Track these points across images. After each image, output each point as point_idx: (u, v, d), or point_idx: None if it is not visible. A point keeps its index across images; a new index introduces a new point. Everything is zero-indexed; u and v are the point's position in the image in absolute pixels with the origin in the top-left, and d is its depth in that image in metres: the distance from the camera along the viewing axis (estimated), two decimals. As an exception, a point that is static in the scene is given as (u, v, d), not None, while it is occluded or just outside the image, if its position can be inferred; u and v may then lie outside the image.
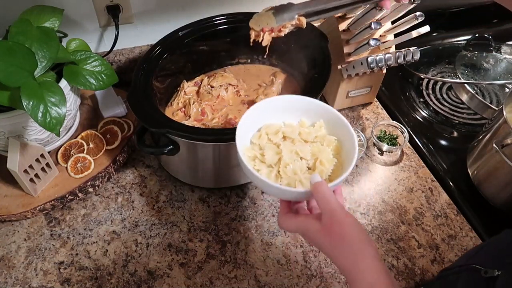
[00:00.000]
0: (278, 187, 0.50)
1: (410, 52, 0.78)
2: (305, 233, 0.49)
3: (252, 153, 0.58)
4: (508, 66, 1.08)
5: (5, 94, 0.61)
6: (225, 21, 0.85)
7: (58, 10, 0.71)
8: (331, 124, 0.60)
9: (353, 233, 0.45)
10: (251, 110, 0.58)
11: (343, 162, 0.57)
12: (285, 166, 0.55)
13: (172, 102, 0.85)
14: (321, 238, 0.47)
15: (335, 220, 0.46)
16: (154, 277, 0.67)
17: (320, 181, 0.49)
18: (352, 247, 0.45)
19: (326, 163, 0.56)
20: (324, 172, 0.55)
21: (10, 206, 0.72)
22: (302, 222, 0.49)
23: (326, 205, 0.47)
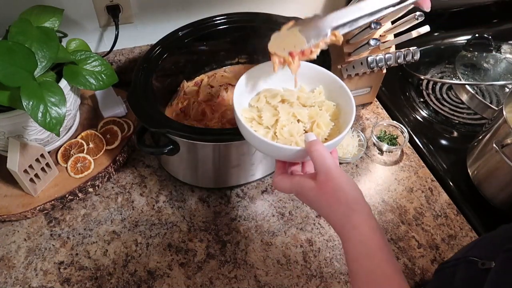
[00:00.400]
0: (274, 145, 0.51)
1: (410, 52, 0.78)
2: (300, 192, 0.49)
3: (249, 114, 0.58)
4: (508, 66, 1.08)
5: (5, 94, 0.61)
6: (225, 21, 0.85)
7: (58, 10, 0.71)
8: (331, 89, 0.60)
9: (348, 190, 0.45)
10: (250, 71, 0.58)
11: (341, 126, 0.58)
12: (281, 127, 0.55)
13: (172, 102, 0.85)
14: (315, 196, 0.47)
15: (329, 177, 0.46)
16: (154, 277, 0.67)
17: (315, 139, 0.49)
18: (346, 204, 0.45)
19: (323, 126, 0.56)
20: (321, 135, 0.56)
21: (10, 206, 0.72)
22: (297, 181, 0.49)
23: (321, 163, 0.47)
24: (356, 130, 0.88)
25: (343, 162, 0.85)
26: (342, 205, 0.45)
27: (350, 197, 0.45)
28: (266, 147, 0.52)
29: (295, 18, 0.84)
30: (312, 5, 1.06)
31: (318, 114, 0.57)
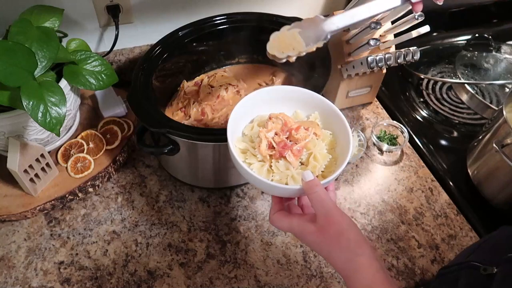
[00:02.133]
0: (270, 184, 0.49)
1: (410, 52, 0.78)
2: (300, 235, 0.48)
3: (243, 145, 0.56)
4: (508, 66, 1.08)
5: (5, 94, 0.61)
6: (225, 21, 0.85)
7: (58, 10, 0.71)
8: (326, 117, 0.58)
9: (349, 232, 0.45)
10: (244, 100, 0.56)
11: (337, 157, 0.56)
12: (277, 160, 0.53)
13: (172, 102, 0.85)
14: (316, 240, 0.46)
15: (330, 220, 0.45)
16: (154, 277, 0.67)
17: (313, 180, 0.47)
18: (348, 247, 0.44)
19: (319, 158, 0.54)
20: (317, 168, 0.53)
21: (10, 206, 0.72)
22: (296, 224, 0.48)
23: (320, 206, 0.46)
24: (356, 130, 0.88)
25: (343, 162, 0.85)
26: (344, 249, 0.44)
27: (352, 241, 0.45)
28: (262, 185, 0.50)
29: (295, 18, 0.85)
30: (312, 5, 1.06)
31: (314, 145, 0.54)
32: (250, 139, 0.57)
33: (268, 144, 0.54)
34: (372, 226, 0.76)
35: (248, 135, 0.58)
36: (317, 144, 0.55)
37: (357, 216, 0.77)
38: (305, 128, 0.55)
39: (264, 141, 0.54)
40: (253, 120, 0.59)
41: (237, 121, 0.56)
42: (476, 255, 0.56)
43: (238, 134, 0.58)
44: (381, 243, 0.74)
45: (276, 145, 0.53)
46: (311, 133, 0.55)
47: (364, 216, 0.77)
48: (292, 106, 0.60)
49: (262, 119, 0.59)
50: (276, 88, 0.59)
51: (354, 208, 0.78)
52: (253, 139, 0.56)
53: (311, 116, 0.59)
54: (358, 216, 0.77)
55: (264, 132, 0.54)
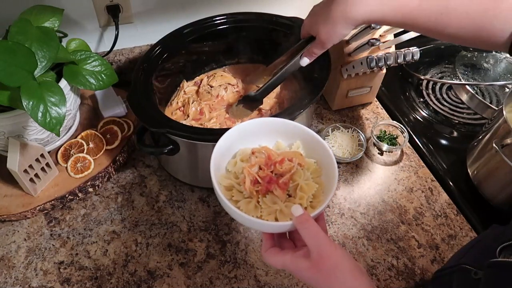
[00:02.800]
0: (260, 222, 0.48)
1: (410, 52, 0.78)
2: (294, 271, 0.47)
3: (227, 182, 0.54)
4: (508, 66, 1.08)
5: (5, 94, 0.61)
6: (225, 21, 0.85)
7: (58, 10, 0.71)
8: (308, 144, 0.57)
9: (344, 266, 0.44)
10: (225, 137, 0.55)
11: (323, 184, 0.55)
12: (264, 195, 0.52)
13: (171, 101, 0.85)
14: (312, 276, 0.45)
15: (324, 255, 0.44)
16: (154, 277, 0.67)
17: (303, 214, 0.47)
18: (344, 280, 0.44)
19: (306, 189, 0.53)
20: (305, 198, 0.52)
21: (10, 206, 0.72)
22: (290, 261, 0.47)
23: (313, 241, 0.45)
24: (356, 130, 0.88)
25: (343, 162, 0.85)
26: (341, 284, 0.44)
27: (348, 274, 0.44)
28: (251, 223, 0.49)
29: (295, 18, 0.85)
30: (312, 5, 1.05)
31: (300, 176, 0.53)
32: (234, 176, 0.56)
33: (253, 180, 0.53)
34: (372, 226, 0.76)
35: (232, 171, 0.56)
36: (302, 174, 0.54)
37: (357, 216, 0.77)
38: (288, 159, 0.54)
39: (248, 178, 0.53)
40: (235, 155, 0.58)
41: (219, 157, 0.55)
42: (468, 257, 0.56)
43: (222, 171, 0.57)
44: (381, 243, 0.74)
45: (262, 180, 0.52)
46: (295, 164, 0.54)
47: (364, 216, 0.77)
48: (273, 137, 0.59)
49: (244, 153, 0.57)
50: (256, 121, 0.58)
51: (354, 208, 0.78)
52: (238, 175, 0.55)
53: (293, 145, 0.58)
54: (358, 216, 0.77)
55: (248, 168, 0.53)
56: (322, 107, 0.98)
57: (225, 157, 0.58)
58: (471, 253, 0.57)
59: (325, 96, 0.99)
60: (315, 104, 0.95)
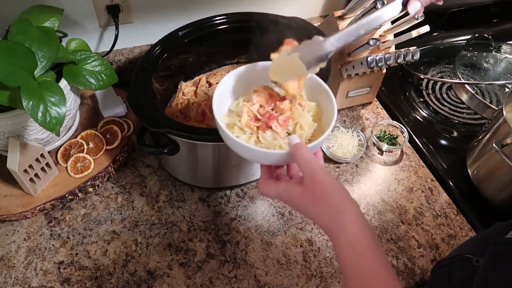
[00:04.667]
0: (258, 150, 0.50)
1: (410, 52, 0.78)
2: (287, 199, 0.48)
3: (230, 120, 0.56)
4: (508, 65, 1.08)
5: (5, 94, 0.61)
6: (225, 21, 0.85)
7: (58, 10, 0.71)
8: (311, 89, 0.59)
9: (334, 191, 0.45)
10: (227, 77, 0.57)
11: (323, 126, 0.57)
12: (264, 131, 0.54)
13: (171, 103, 0.85)
14: (303, 201, 0.46)
15: (315, 179, 0.45)
16: (154, 277, 0.67)
17: (299, 142, 0.48)
18: (333, 205, 0.45)
19: (306, 127, 0.55)
20: (304, 136, 0.54)
21: (10, 206, 0.72)
22: (284, 188, 0.48)
23: (306, 166, 0.46)
24: (356, 130, 0.88)
25: (343, 162, 0.85)
26: (329, 207, 0.45)
27: (337, 199, 0.45)
28: (249, 153, 0.51)
29: (295, 18, 0.85)
30: (312, 5, 1.06)
31: (300, 115, 0.55)
32: (236, 114, 0.57)
33: (254, 117, 0.55)
34: (372, 226, 0.76)
35: (234, 111, 0.58)
36: (302, 114, 0.55)
37: (357, 216, 0.77)
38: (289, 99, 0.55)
39: (245, 115, 0.54)
40: (239, 97, 0.60)
41: (222, 97, 0.57)
42: (469, 248, 0.56)
43: (225, 111, 0.59)
44: (381, 243, 0.74)
45: (261, 116, 0.54)
46: (295, 104, 0.55)
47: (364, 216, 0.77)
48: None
49: (247, 94, 0.59)
50: (260, 64, 0.59)
51: (354, 208, 0.78)
52: (240, 114, 0.57)
53: None
54: (358, 216, 0.77)
55: (248, 106, 0.55)
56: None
57: (228, 99, 0.59)
58: (471, 245, 0.57)
59: (325, 96, 0.99)
60: (315, 104, 0.95)
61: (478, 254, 0.51)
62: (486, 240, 0.54)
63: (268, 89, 0.57)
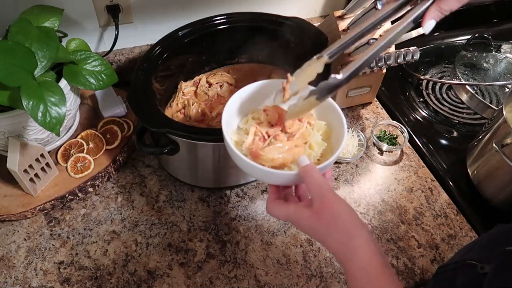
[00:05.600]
0: (266, 170, 0.49)
1: (410, 52, 0.78)
2: (296, 221, 0.47)
3: (238, 137, 0.56)
4: (508, 65, 1.08)
5: (5, 94, 0.61)
6: (225, 21, 0.85)
7: (58, 10, 0.71)
8: (321, 107, 0.57)
9: (345, 215, 0.45)
10: (238, 94, 0.56)
11: (333, 146, 0.56)
12: None
13: (171, 103, 0.85)
14: (313, 225, 0.46)
15: (326, 203, 0.45)
16: (154, 277, 0.67)
17: (309, 164, 0.47)
18: (344, 229, 0.44)
19: (315, 146, 0.54)
20: (313, 156, 0.53)
21: (10, 206, 0.72)
22: (293, 211, 0.47)
23: (316, 189, 0.46)
24: (356, 130, 0.88)
25: (343, 162, 0.85)
26: (340, 232, 0.44)
27: (348, 223, 0.44)
28: (257, 172, 0.50)
29: (295, 17, 0.85)
30: (312, 5, 1.06)
31: (309, 134, 0.54)
32: (245, 132, 0.57)
33: (262, 137, 0.54)
34: (372, 226, 0.76)
35: (243, 128, 0.57)
36: (311, 133, 0.55)
37: (357, 216, 0.77)
38: (298, 119, 0.55)
39: (251, 136, 0.54)
40: (248, 114, 0.59)
41: (231, 114, 0.56)
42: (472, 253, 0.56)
43: (234, 128, 0.58)
44: (381, 243, 0.74)
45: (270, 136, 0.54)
46: (305, 123, 0.55)
47: (364, 216, 0.77)
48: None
49: (257, 112, 0.58)
50: (271, 82, 0.59)
51: (354, 208, 0.78)
52: (248, 131, 0.56)
53: None
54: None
55: (256, 125, 0.54)
56: (322, 107, 0.98)
57: (237, 116, 0.59)
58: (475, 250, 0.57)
59: (325, 96, 0.99)
60: (315, 104, 0.94)
61: (483, 260, 0.50)
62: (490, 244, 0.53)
63: (278, 108, 0.56)
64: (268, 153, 0.51)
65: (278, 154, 0.51)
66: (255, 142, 0.53)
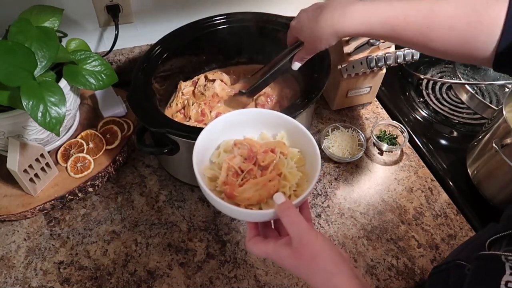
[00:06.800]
0: (243, 211, 0.48)
1: (410, 52, 0.78)
2: (277, 260, 0.47)
3: (211, 173, 0.54)
4: (508, 66, 1.08)
5: (5, 94, 0.61)
6: (225, 21, 0.85)
7: (58, 10, 0.71)
8: (293, 135, 0.57)
9: (325, 253, 0.44)
10: (207, 129, 0.55)
11: (308, 173, 0.55)
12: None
13: (171, 103, 0.85)
14: (294, 263, 0.45)
15: (305, 242, 0.44)
16: (154, 277, 0.67)
17: (284, 202, 0.47)
18: (325, 267, 0.44)
19: (290, 178, 0.53)
20: (288, 187, 0.52)
21: (10, 206, 0.72)
22: (272, 249, 0.47)
23: (293, 228, 0.45)
24: (356, 130, 0.88)
25: (343, 162, 0.85)
26: (321, 270, 0.44)
27: (328, 261, 0.44)
28: (235, 213, 0.49)
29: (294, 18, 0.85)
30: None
31: (283, 165, 0.53)
32: (218, 166, 0.55)
33: (234, 172, 0.53)
34: (372, 226, 0.76)
35: (216, 162, 0.56)
36: (285, 163, 0.54)
37: (357, 216, 0.77)
38: (271, 150, 0.54)
39: (223, 173, 0.52)
40: (219, 146, 0.58)
41: (203, 149, 0.55)
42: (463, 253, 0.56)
43: (206, 162, 0.56)
44: (381, 243, 0.74)
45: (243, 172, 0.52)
46: (278, 153, 0.54)
47: (364, 216, 0.77)
48: (258, 128, 0.59)
49: (228, 144, 0.57)
50: (241, 112, 0.58)
51: (354, 208, 0.78)
52: (221, 166, 0.55)
53: (277, 135, 0.58)
54: (358, 216, 0.77)
55: (228, 161, 0.53)
56: (322, 107, 0.98)
57: (209, 149, 0.57)
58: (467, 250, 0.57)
59: (325, 96, 0.99)
60: (315, 104, 0.95)
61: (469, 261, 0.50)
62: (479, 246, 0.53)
63: (248, 141, 0.56)
64: (242, 193, 0.50)
65: (254, 192, 0.50)
66: (228, 178, 0.52)
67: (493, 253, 0.45)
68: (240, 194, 0.50)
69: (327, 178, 0.83)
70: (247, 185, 0.51)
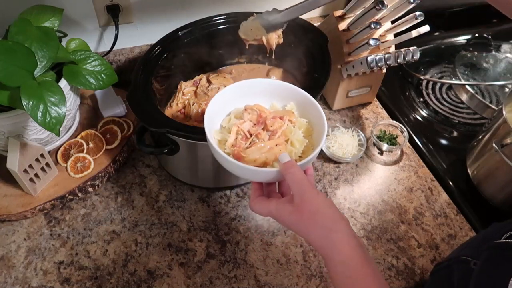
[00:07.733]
0: (248, 168, 0.50)
1: (410, 51, 0.78)
2: (278, 217, 0.48)
3: (221, 136, 0.57)
4: (508, 65, 1.08)
5: (5, 94, 0.61)
6: (225, 21, 0.85)
7: (58, 10, 0.71)
8: (302, 106, 0.59)
9: (324, 210, 0.46)
10: (220, 94, 0.57)
11: (314, 143, 0.57)
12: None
13: (171, 103, 0.85)
14: (294, 220, 0.46)
15: (306, 198, 0.46)
16: (154, 277, 0.67)
17: (289, 161, 0.48)
18: (324, 224, 0.45)
19: (296, 144, 0.55)
20: (294, 153, 0.54)
21: (10, 206, 0.72)
22: (275, 206, 0.48)
23: (296, 185, 0.47)
24: (356, 130, 0.88)
25: (343, 162, 0.85)
26: (320, 226, 0.45)
27: (327, 218, 0.45)
28: (239, 170, 0.51)
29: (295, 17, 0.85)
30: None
31: (291, 132, 0.56)
32: (227, 131, 0.58)
33: (244, 136, 0.55)
34: (372, 226, 0.76)
35: (226, 127, 0.58)
36: (293, 131, 0.56)
37: (357, 216, 0.77)
38: (280, 117, 0.56)
39: (233, 135, 0.55)
40: (230, 113, 0.60)
41: (214, 114, 0.57)
42: (467, 250, 0.56)
43: (216, 127, 0.59)
44: (381, 243, 0.74)
45: (252, 135, 0.55)
46: (286, 121, 0.56)
47: (364, 216, 0.77)
48: (268, 98, 0.61)
49: (238, 110, 0.60)
50: (251, 81, 0.60)
51: (354, 208, 0.78)
52: (231, 130, 0.57)
53: (287, 106, 0.60)
54: (358, 216, 0.77)
55: (238, 124, 0.56)
56: (322, 107, 0.97)
57: (220, 115, 0.60)
58: (470, 246, 0.57)
59: (325, 96, 0.99)
60: (315, 104, 0.95)
61: (476, 256, 0.51)
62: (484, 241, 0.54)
63: (258, 107, 0.58)
64: (250, 154, 0.52)
65: (260, 155, 0.52)
66: (237, 141, 0.54)
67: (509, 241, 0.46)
68: (247, 155, 0.52)
69: (327, 178, 0.83)
70: (254, 147, 0.53)
